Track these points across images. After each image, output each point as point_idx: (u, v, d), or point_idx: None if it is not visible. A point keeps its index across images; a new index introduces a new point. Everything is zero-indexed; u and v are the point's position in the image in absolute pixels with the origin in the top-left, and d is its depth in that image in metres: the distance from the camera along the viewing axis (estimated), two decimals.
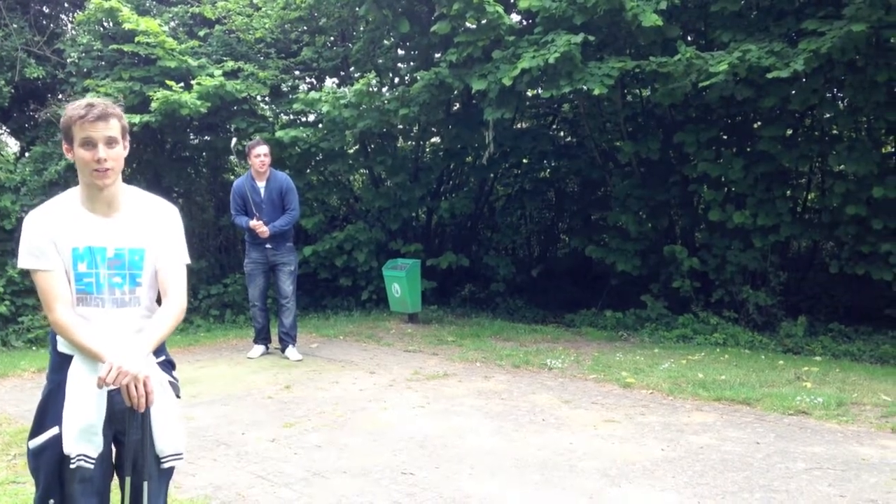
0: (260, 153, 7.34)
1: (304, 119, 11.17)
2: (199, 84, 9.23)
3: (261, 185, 7.40)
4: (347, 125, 9.77)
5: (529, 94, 10.23)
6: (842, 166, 8.44)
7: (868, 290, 9.00)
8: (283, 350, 7.63)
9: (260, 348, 7.72)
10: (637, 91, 10.49)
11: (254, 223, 7.31)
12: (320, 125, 10.36)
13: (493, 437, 4.96)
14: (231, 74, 9.86)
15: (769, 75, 7.28)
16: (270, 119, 10.92)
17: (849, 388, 6.06)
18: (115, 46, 9.69)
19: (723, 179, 9.12)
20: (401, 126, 10.68)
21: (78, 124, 2.40)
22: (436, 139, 12.01)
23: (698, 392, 5.99)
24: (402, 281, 9.35)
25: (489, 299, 11.23)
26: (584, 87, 8.17)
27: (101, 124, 2.40)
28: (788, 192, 9.28)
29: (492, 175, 11.89)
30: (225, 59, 10.21)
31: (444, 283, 11.25)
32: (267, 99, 11.10)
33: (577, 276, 11.91)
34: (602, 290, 10.82)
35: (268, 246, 7.44)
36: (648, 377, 6.49)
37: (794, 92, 8.13)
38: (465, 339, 8.42)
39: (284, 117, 11.10)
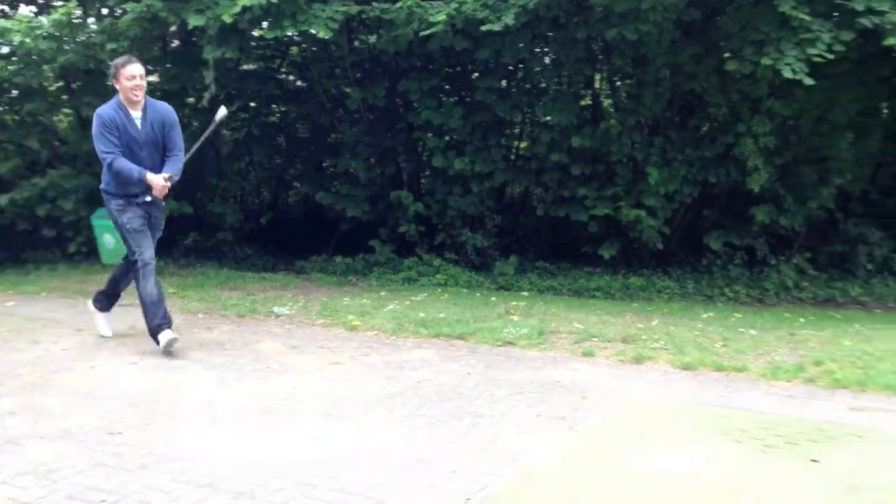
0: (135, 74, 5.42)
1: None
2: None
3: (136, 115, 5.58)
4: (46, 59, 8.72)
5: (256, 34, 9.84)
6: (548, 117, 9.19)
7: (569, 230, 9.97)
8: None
9: None
10: (364, 37, 10.51)
11: (151, 179, 5.54)
12: (14, 58, 9.13)
13: (214, 388, 4.80)
14: None
15: (483, 28, 7.67)
16: None
17: (549, 318, 6.71)
18: None
19: (444, 127, 9.51)
20: (110, 62, 9.73)
21: None
22: (153, 78, 11.13)
23: (419, 330, 6.27)
24: (114, 231, 8.61)
25: (215, 248, 10.80)
26: (309, 30, 8.03)
27: None
28: (503, 140, 9.95)
29: None
30: None
31: (165, 232, 10.57)
32: None
33: (309, 223, 11.85)
34: (333, 236, 10.87)
35: None
36: (374, 319, 6.66)
37: (505, 45, 8.64)
38: (188, 290, 8.04)
39: None
